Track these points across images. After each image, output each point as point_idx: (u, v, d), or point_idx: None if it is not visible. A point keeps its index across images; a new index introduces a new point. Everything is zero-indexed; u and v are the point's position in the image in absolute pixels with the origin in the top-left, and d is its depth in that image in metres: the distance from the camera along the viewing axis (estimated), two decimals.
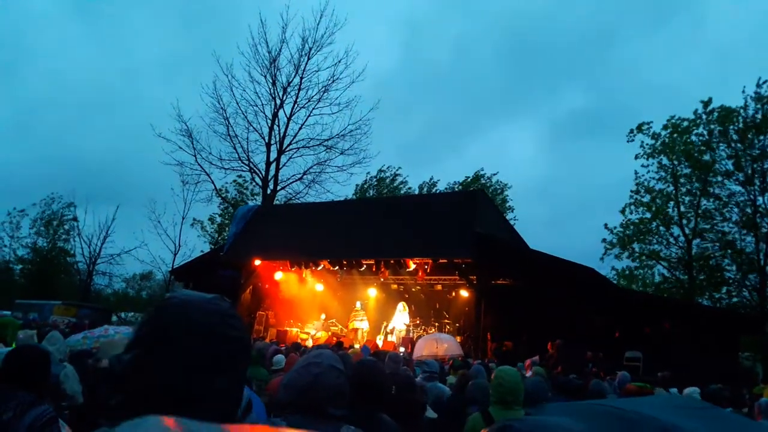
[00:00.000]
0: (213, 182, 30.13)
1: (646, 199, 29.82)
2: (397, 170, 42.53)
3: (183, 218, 32.54)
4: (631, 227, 30.03)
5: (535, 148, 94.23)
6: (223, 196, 33.25)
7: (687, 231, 28.49)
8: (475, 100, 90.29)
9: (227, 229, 27.76)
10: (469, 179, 41.00)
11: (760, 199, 26.36)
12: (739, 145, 26.82)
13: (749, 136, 26.29)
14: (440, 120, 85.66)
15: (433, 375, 6.23)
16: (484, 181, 40.52)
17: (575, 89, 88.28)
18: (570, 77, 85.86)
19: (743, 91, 26.61)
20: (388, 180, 42.40)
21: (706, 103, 27.96)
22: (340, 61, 28.78)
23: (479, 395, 4.79)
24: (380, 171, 42.21)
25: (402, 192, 41.27)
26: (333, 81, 28.97)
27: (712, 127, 27.83)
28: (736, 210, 27.24)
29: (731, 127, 27.08)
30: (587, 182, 75.08)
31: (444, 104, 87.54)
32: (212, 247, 32.72)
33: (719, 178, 27.59)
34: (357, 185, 41.42)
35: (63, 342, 5.35)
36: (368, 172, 41.08)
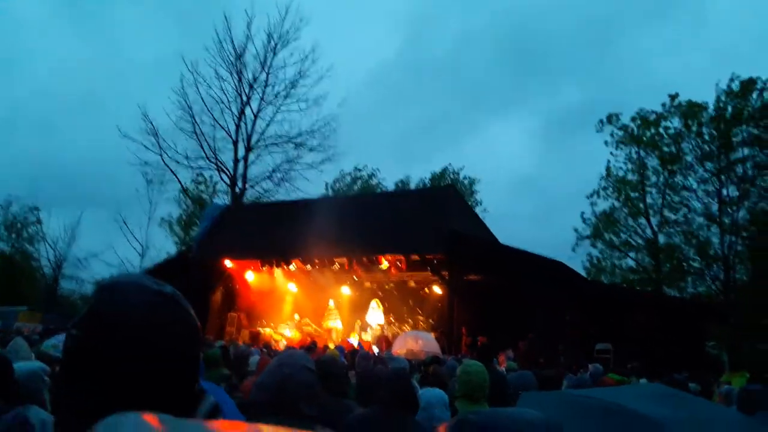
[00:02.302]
0: (179, 181, 29.70)
1: (610, 190, 30.52)
2: (374, 170, 42.23)
3: (149, 219, 32.03)
4: (602, 217, 30.74)
5: (530, 142, 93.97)
6: (191, 195, 32.84)
7: (654, 221, 29.24)
8: (471, 95, 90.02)
9: (193, 228, 27.36)
10: (436, 175, 41.10)
11: (725, 190, 27.12)
12: (707, 137, 27.57)
13: (722, 126, 27.00)
14: (435, 115, 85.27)
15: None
16: (452, 176, 40.69)
17: (571, 85, 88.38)
18: (567, 73, 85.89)
19: (717, 85, 27.46)
20: (364, 179, 42.03)
21: (673, 97, 28.78)
22: (306, 57, 28.70)
23: None
24: (356, 170, 41.83)
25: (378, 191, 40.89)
26: (300, 77, 28.88)
27: (679, 119, 28.59)
28: (703, 200, 28.00)
29: (696, 120, 27.83)
30: (580, 175, 75.54)
31: (440, 99, 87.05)
32: (182, 248, 32.26)
33: (685, 170, 28.33)
34: (327, 183, 40.98)
35: (28, 350, 5.17)
36: (342, 169, 40.75)
